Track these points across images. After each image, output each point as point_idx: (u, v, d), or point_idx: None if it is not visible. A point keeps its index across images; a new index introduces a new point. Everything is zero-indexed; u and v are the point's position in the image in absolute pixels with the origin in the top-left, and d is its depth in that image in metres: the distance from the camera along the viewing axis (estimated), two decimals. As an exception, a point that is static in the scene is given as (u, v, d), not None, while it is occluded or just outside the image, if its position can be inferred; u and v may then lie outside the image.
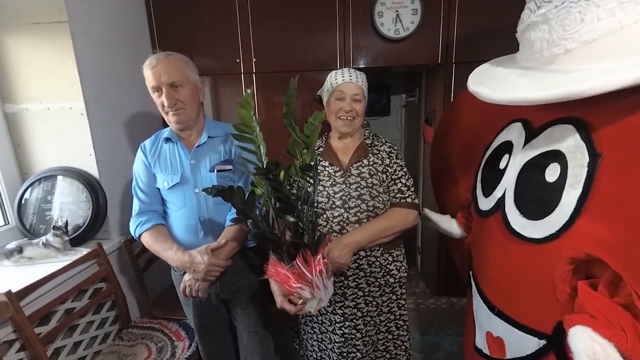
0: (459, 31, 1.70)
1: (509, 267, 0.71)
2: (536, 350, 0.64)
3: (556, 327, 0.59)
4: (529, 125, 0.73)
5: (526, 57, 0.66)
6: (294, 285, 0.84)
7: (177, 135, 1.12)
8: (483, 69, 0.80)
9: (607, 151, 0.54)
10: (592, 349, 0.47)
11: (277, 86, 1.86)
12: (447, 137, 1.10)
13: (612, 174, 0.53)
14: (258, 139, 0.80)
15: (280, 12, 1.77)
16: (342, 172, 1.06)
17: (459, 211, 0.97)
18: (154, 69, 1.01)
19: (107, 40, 1.53)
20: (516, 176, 0.70)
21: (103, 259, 1.36)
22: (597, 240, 0.53)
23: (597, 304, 0.51)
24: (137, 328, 1.40)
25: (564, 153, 0.60)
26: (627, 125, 0.52)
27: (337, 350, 1.12)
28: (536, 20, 0.60)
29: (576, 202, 0.56)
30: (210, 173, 1.10)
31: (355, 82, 1.05)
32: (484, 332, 0.80)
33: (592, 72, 0.53)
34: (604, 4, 0.50)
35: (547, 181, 0.61)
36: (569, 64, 0.57)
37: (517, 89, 0.62)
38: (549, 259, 0.60)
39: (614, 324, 0.47)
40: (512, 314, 0.70)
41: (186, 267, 1.03)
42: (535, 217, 0.63)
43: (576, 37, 0.54)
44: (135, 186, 1.13)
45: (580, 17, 0.53)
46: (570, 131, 0.60)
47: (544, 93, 0.55)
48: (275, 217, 0.88)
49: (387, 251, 1.08)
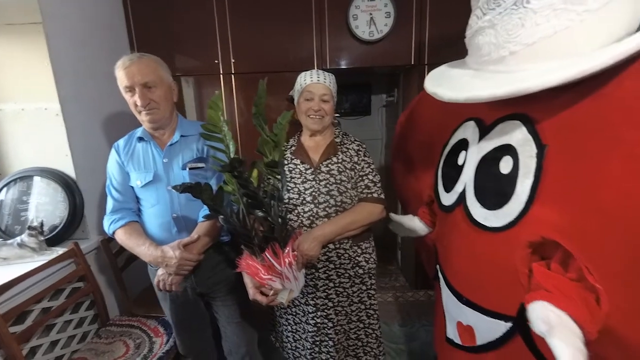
0: (430, 34, 1.77)
1: (475, 257, 0.74)
2: (504, 333, 0.68)
3: (520, 308, 0.63)
4: (481, 123, 0.78)
5: (476, 60, 0.71)
6: (264, 277, 0.88)
7: (150, 135, 1.15)
8: (439, 71, 0.85)
9: (551, 142, 0.59)
10: (546, 314, 0.51)
11: (257, 87, 1.89)
12: (406, 137, 1.15)
13: (557, 162, 0.58)
14: (227, 138, 0.83)
15: (258, 14, 1.81)
16: (312, 170, 1.11)
17: (421, 208, 1.02)
18: (127, 69, 1.03)
19: (83, 40, 1.54)
20: (474, 171, 0.74)
21: (80, 259, 1.37)
22: (550, 224, 0.57)
23: (551, 281, 0.55)
24: (115, 326, 1.41)
25: (514, 146, 0.65)
26: (565, 118, 0.58)
27: (310, 340, 1.16)
28: (483, 26, 0.65)
29: (529, 190, 0.60)
30: (183, 171, 1.13)
31: (323, 82, 1.09)
32: (454, 322, 0.83)
33: (534, 72, 0.58)
34: (540, 11, 0.55)
35: (502, 173, 0.66)
36: (514, 65, 0.62)
37: (471, 88, 0.66)
38: (509, 245, 0.64)
39: (567, 296, 0.52)
40: (480, 301, 0.73)
41: (159, 262, 1.05)
42: (495, 207, 0.67)
43: (519, 40, 0.59)
44: (109, 185, 1.15)
45: (521, 22, 0.58)
46: (518, 126, 0.65)
47: (495, 90, 0.59)
48: (246, 212, 0.91)
49: (355, 244, 1.13)
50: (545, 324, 0.50)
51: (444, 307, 0.89)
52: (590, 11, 0.52)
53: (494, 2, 0.61)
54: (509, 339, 0.67)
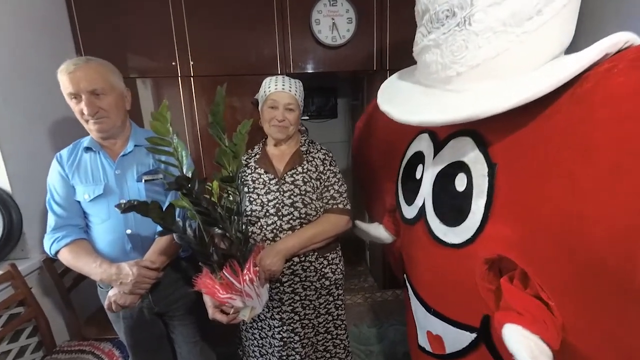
0: (391, 40, 1.81)
1: (438, 271, 0.76)
2: (470, 343, 0.70)
3: (482, 320, 0.66)
4: (435, 137, 0.79)
5: (425, 76, 0.72)
6: (222, 296, 0.84)
7: (99, 144, 1.05)
8: (389, 83, 0.85)
9: (500, 160, 0.61)
10: (529, 346, 0.51)
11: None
12: (366, 142, 1.16)
13: (507, 181, 0.59)
14: (178, 151, 0.78)
15: (217, 15, 1.73)
16: (276, 180, 1.08)
17: (385, 215, 1.03)
18: (72, 74, 0.94)
19: (18, 37, 1.39)
20: (432, 186, 0.75)
21: (18, 281, 1.24)
22: (504, 241, 0.59)
23: (521, 301, 0.56)
24: (63, 352, 1.29)
25: (467, 164, 0.66)
26: (513, 136, 0.60)
27: (277, 354, 1.13)
28: (429, 44, 0.66)
29: (484, 208, 0.62)
30: (138, 183, 1.05)
31: (288, 91, 1.06)
32: (424, 331, 0.85)
33: (480, 92, 0.60)
34: (482, 33, 0.57)
35: (458, 190, 0.67)
36: (462, 84, 0.63)
37: (421, 111, 0.66)
38: (469, 261, 0.65)
39: (537, 319, 0.53)
40: (446, 313, 0.75)
41: (113, 279, 0.97)
42: (453, 224, 0.69)
43: (464, 61, 0.60)
44: (50, 200, 1.04)
45: (465, 44, 0.59)
46: (469, 144, 0.67)
47: (443, 116, 0.60)
48: (203, 229, 0.87)
49: (322, 255, 1.11)
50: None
51: (414, 316, 0.91)
52: (528, 32, 0.54)
53: (438, 21, 0.62)
54: (474, 348, 0.69)
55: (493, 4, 0.54)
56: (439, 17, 0.61)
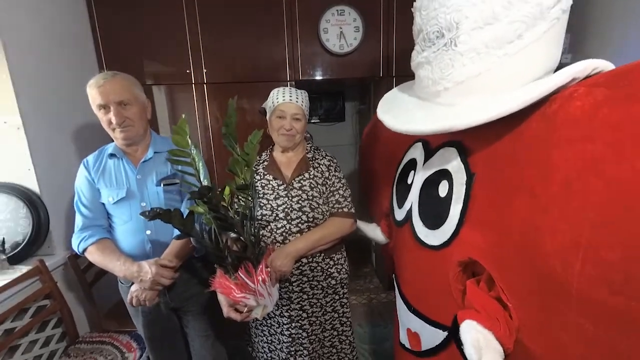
0: (397, 47, 1.86)
1: (419, 271, 0.82)
2: (442, 340, 0.75)
3: (453, 320, 0.69)
4: (427, 146, 0.85)
5: (420, 90, 0.77)
6: (237, 295, 0.91)
7: (122, 151, 1.14)
8: (391, 95, 0.90)
9: (479, 170, 0.66)
10: (476, 338, 0.58)
11: (230, 97, 1.89)
12: (370, 149, 1.22)
13: (482, 191, 0.65)
14: (196, 161, 0.85)
15: (229, 25, 1.81)
16: (285, 186, 1.14)
17: (382, 218, 1.09)
18: (101, 87, 1.03)
19: (45, 50, 1.48)
20: (419, 191, 0.81)
21: (46, 276, 1.33)
22: (476, 246, 0.64)
23: (480, 300, 0.62)
24: (85, 343, 1.38)
25: (450, 172, 0.71)
26: (491, 148, 0.65)
27: (285, 350, 1.20)
28: (422, 61, 0.71)
29: (459, 214, 0.67)
30: (157, 187, 1.13)
31: (295, 102, 1.12)
32: (405, 328, 0.91)
33: (465, 106, 0.65)
34: (466, 54, 0.62)
35: (440, 196, 0.72)
36: (450, 99, 0.68)
37: (413, 120, 0.71)
38: (444, 263, 0.71)
39: (492, 316, 0.59)
40: (424, 311, 0.81)
41: (134, 277, 1.05)
42: (434, 227, 0.74)
43: (450, 78, 0.65)
44: (77, 202, 1.13)
45: (451, 63, 0.64)
46: (454, 153, 0.72)
47: (431, 126, 0.65)
48: (218, 233, 0.94)
49: (328, 256, 1.18)
50: (476, 350, 0.57)
51: (398, 313, 0.96)
52: (509, 55, 0.59)
53: (429, 40, 0.67)
54: (446, 346, 0.74)
55: (476, 27, 0.59)
56: (430, 37, 0.66)
